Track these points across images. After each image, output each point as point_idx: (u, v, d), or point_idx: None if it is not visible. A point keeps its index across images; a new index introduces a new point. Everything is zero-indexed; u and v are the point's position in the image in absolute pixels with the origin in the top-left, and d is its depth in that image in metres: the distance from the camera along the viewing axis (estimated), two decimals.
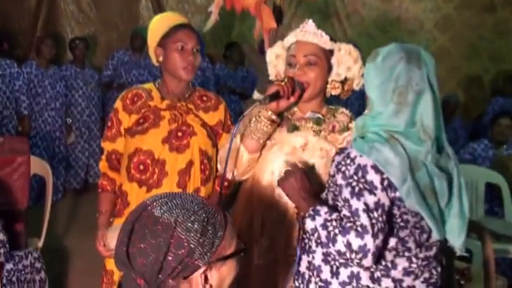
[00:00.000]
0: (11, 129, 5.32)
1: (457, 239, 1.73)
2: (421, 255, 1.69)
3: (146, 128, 2.24)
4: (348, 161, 1.62)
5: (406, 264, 1.67)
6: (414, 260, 1.67)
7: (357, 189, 1.57)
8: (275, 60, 2.16)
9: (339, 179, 1.63)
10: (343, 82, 2.08)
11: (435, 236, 1.68)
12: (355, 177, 1.58)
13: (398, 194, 1.59)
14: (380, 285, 1.66)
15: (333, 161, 1.72)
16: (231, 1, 2.91)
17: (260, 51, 5.72)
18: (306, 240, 1.80)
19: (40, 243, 3.38)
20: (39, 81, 5.48)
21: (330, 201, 1.71)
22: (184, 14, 6.81)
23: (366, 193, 1.56)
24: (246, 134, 2.03)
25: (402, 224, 1.64)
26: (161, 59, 2.27)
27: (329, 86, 2.08)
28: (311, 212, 1.67)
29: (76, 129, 5.89)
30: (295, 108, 2.11)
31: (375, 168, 1.57)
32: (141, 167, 2.24)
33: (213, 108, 2.36)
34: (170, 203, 1.19)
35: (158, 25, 2.29)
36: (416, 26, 6.97)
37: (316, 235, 1.66)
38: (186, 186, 2.24)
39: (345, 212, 1.58)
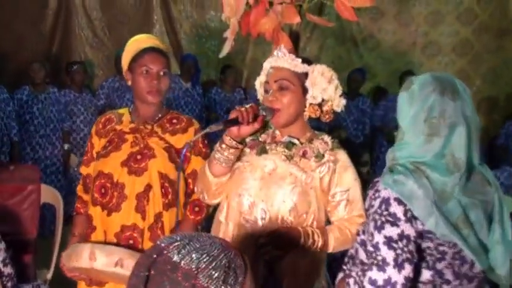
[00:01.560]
0: (7, 156, 5.26)
1: (501, 267, 1.66)
2: None
3: (109, 151, 2.27)
4: (376, 195, 1.62)
5: None
6: None
7: (379, 222, 1.57)
8: (260, 88, 2.14)
9: (370, 214, 1.64)
10: (321, 104, 2.02)
11: (477, 266, 1.64)
12: (378, 211, 1.58)
13: (426, 227, 1.57)
14: None
15: (366, 194, 1.70)
16: (247, 27, 2.84)
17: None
18: None
19: (49, 275, 3.30)
20: (29, 107, 5.42)
21: (366, 234, 1.68)
22: (198, 39, 6.84)
23: (387, 225, 1.55)
24: (211, 158, 2.02)
25: (439, 255, 1.61)
26: (129, 83, 2.31)
27: (306, 109, 2.03)
28: None
29: (80, 156, 5.77)
30: (278, 132, 2.08)
31: (398, 200, 1.56)
32: (102, 190, 2.26)
33: (181, 131, 2.33)
34: (189, 246, 1.11)
35: (128, 49, 2.32)
36: (434, 50, 6.93)
37: None
38: (145, 211, 2.22)
39: (369, 247, 1.59)
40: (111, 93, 5.79)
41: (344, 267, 1.85)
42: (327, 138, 2.06)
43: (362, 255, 1.69)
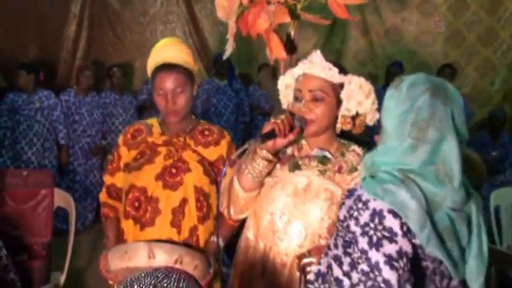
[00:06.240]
0: (53, 160, 5.39)
1: (474, 282, 1.56)
2: None
3: (141, 164, 2.20)
4: (360, 205, 1.46)
5: None
6: None
7: (375, 238, 1.41)
8: (285, 90, 2.04)
9: (353, 226, 1.47)
10: (354, 117, 1.91)
11: (455, 278, 1.54)
12: (371, 225, 1.42)
13: (417, 240, 1.43)
14: None
15: (343, 203, 1.56)
16: (246, 28, 2.81)
17: (273, 75, 5.66)
18: None
19: (62, 279, 3.34)
20: (77, 108, 5.54)
21: (340, 249, 1.55)
22: (219, 36, 6.82)
23: (385, 242, 1.40)
24: (241, 171, 1.92)
25: (419, 271, 1.48)
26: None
27: (338, 121, 1.92)
28: None
29: None
30: (304, 143, 1.98)
31: (393, 212, 1.41)
32: (136, 204, 2.19)
33: (213, 143, 2.27)
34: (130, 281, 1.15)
35: (149, 62, 2.23)
36: (458, 40, 6.72)
37: None
38: (180, 225, 2.17)
39: (363, 266, 1.42)
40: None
41: (311, 286, 1.69)
42: (357, 149, 1.98)
43: (338, 271, 1.54)
